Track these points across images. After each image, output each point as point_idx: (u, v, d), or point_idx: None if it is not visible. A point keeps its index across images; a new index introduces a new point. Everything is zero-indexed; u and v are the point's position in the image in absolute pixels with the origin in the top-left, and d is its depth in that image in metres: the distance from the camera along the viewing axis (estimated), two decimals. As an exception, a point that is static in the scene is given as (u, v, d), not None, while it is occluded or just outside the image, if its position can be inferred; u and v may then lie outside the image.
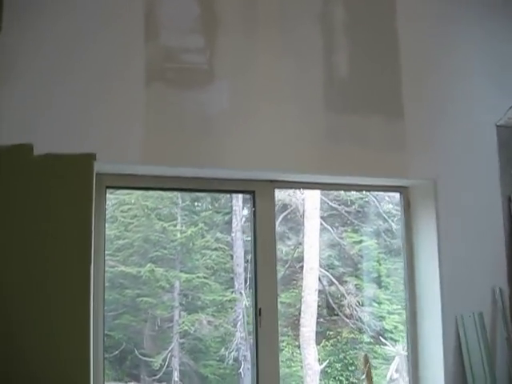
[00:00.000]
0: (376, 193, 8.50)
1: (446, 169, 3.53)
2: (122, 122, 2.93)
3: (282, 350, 7.10)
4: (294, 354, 7.89)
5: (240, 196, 7.66)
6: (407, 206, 3.68)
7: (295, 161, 3.20)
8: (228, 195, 7.91)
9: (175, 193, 7.27)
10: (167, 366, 6.66)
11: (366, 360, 3.13)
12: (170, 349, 6.79)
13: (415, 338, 3.52)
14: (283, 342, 7.26)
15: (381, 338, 7.75)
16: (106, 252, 6.56)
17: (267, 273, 3.24)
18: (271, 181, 3.36)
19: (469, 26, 3.78)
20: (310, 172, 3.25)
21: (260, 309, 3.16)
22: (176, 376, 6.74)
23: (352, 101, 3.37)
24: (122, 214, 6.99)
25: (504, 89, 3.71)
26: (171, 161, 2.98)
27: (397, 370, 7.26)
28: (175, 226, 7.17)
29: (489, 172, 3.63)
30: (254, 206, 3.32)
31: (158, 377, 6.61)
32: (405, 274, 3.61)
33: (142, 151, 2.90)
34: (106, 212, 6.77)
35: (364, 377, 3.13)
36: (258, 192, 3.35)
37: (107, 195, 3.16)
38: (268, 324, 3.14)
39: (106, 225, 6.74)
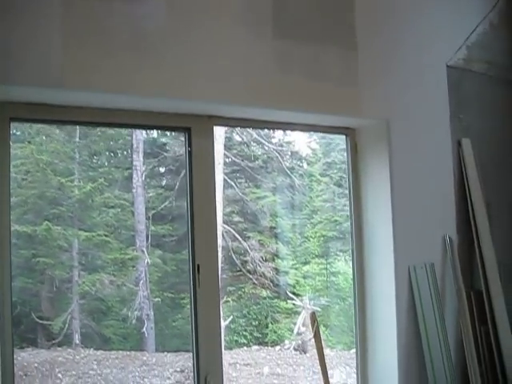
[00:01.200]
0: (280, 148, 8.55)
1: (399, 109, 3.37)
2: (33, 36, 2.34)
3: (183, 306, 7.06)
4: (197, 310, 7.82)
5: (141, 150, 7.39)
6: (354, 150, 3.48)
7: (239, 92, 2.83)
8: (126, 151, 7.60)
9: (72, 147, 6.86)
10: (67, 329, 6.36)
11: (314, 318, 3.04)
12: (69, 311, 6.49)
13: (362, 291, 3.40)
14: (184, 298, 7.18)
15: (287, 292, 7.86)
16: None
17: (206, 223, 2.90)
18: (210, 116, 2.95)
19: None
20: (255, 105, 2.90)
21: (198, 265, 2.84)
22: (77, 339, 6.48)
23: (303, 28, 3.05)
24: (15, 169, 6.46)
25: (457, 28, 3.63)
26: (93, 85, 2.46)
27: (303, 324, 7.41)
28: (72, 181, 6.77)
29: (440, 115, 3.56)
30: (189, 146, 2.91)
31: (57, 340, 6.31)
32: (351, 224, 3.46)
33: (57, 73, 2.37)
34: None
35: (312, 336, 3.03)
36: (194, 129, 2.90)
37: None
38: (208, 282, 2.86)
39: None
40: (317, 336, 3.06)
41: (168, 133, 7.56)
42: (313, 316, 3.12)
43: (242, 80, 2.84)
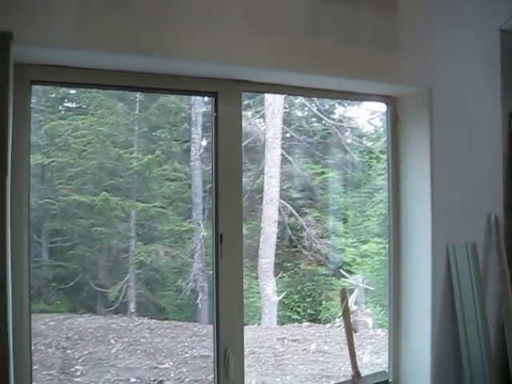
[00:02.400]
0: (340, 124, 8.35)
1: (443, 76, 3.11)
2: None
3: (240, 281, 7.04)
4: (252, 285, 7.87)
5: (199, 124, 7.38)
6: (394, 120, 3.27)
7: (269, 55, 2.66)
8: (185, 124, 7.61)
9: (131, 119, 6.94)
10: (123, 297, 6.50)
11: (344, 295, 2.90)
12: (125, 280, 6.62)
13: (398, 270, 3.26)
14: (240, 272, 7.18)
15: (340, 270, 7.73)
16: (59, 181, 6.37)
17: (230, 193, 2.79)
18: (238, 81, 2.80)
19: None
20: (287, 69, 2.73)
21: (221, 235, 2.77)
22: (132, 307, 6.62)
23: None
24: (75, 140, 6.61)
25: None
26: (114, 45, 2.37)
27: (355, 303, 7.28)
28: (131, 153, 6.85)
29: (490, 84, 3.29)
30: (216, 111, 2.78)
31: (113, 308, 6.46)
32: (389, 199, 3.29)
33: (75, 31, 2.27)
34: (59, 139, 6.47)
35: (341, 313, 2.90)
36: (221, 94, 2.77)
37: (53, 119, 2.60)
38: (231, 253, 2.79)
39: (60, 153, 6.45)
40: (345, 313, 2.93)
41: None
42: (343, 293, 2.99)
43: (273, 42, 2.67)
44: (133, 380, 5.14)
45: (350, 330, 2.95)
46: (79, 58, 2.47)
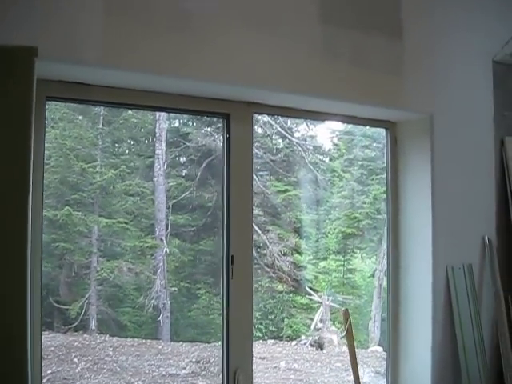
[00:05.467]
0: (306, 142, 8.45)
1: (443, 104, 3.25)
2: (73, 12, 2.26)
3: (199, 297, 7.04)
4: (212, 301, 7.83)
5: (163, 139, 7.33)
6: (393, 144, 3.38)
7: (280, 78, 2.72)
8: (148, 140, 7.55)
9: (95, 133, 6.83)
10: (84, 314, 6.35)
11: (346, 315, 2.95)
12: (87, 296, 6.48)
13: (397, 290, 3.32)
14: (200, 289, 7.17)
15: (306, 288, 7.79)
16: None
17: (242, 213, 2.82)
18: (249, 103, 2.87)
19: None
20: (297, 92, 2.79)
21: (232, 256, 2.78)
22: (93, 324, 6.48)
23: (349, 14, 2.94)
24: (38, 153, 6.42)
25: (505, 21, 3.49)
26: (131, 65, 2.39)
27: (321, 320, 7.34)
28: (95, 168, 6.73)
29: (484, 112, 3.45)
30: (228, 133, 2.85)
31: (74, 325, 6.31)
32: (387, 220, 3.37)
33: (96, 51, 2.30)
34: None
35: (344, 334, 2.94)
36: (233, 116, 2.85)
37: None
38: (241, 274, 2.79)
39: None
40: (349, 334, 2.98)
41: (191, 122, 7.53)
42: (346, 313, 3.04)
43: (285, 65, 2.75)
44: (102, 400, 5.03)
45: (353, 350, 2.99)
46: (97, 76, 2.48)
